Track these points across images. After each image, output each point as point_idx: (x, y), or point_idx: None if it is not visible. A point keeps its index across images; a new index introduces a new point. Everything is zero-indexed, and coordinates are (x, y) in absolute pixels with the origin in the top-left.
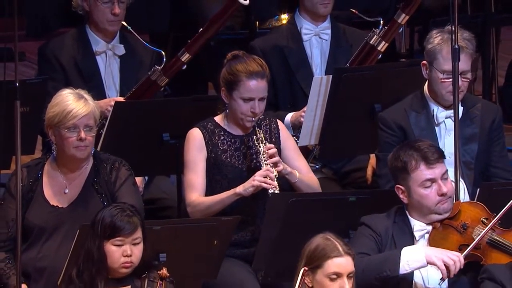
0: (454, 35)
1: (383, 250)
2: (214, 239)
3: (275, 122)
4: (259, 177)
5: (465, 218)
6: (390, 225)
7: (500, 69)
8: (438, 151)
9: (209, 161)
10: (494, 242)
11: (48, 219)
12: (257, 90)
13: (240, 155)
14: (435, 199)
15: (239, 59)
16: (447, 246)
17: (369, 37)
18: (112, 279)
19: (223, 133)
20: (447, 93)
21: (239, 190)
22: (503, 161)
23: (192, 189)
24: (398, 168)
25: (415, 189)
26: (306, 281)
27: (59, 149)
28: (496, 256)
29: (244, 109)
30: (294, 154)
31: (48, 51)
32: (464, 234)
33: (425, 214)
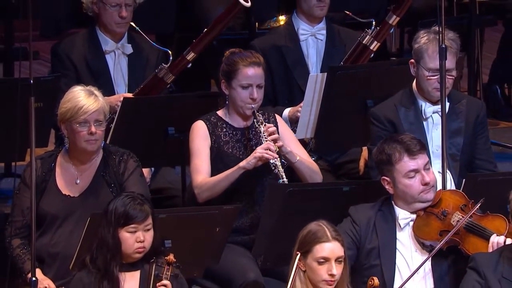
0: (441, 35)
1: (363, 240)
2: (216, 227)
3: (273, 116)
4: (260, 150)
5: (445, 206)
6: (373, 215)
7: (484, 67)
8: (420, 143)
9: (212, 151)
10: (471, 227)
11: (61, 207)
12: (254, 76)
13: (241, 146)
14: (419, 188)
15: (236, 54)
16: (429, 232)
17: (362, 37)
18: (125, 264)
19: (225, 126)
20: (433, 89)
21: (242, 164)
22: (487, 153)
23: (198, 173)
24: (383, 161)
25: (400, 180)
26: (300, 265)
27: (71, 142)
28: (473, 240)
29: (243, 96)
30: (293, 144)
31: (60, 50)
32: (444, 220)
33: (409, 203)
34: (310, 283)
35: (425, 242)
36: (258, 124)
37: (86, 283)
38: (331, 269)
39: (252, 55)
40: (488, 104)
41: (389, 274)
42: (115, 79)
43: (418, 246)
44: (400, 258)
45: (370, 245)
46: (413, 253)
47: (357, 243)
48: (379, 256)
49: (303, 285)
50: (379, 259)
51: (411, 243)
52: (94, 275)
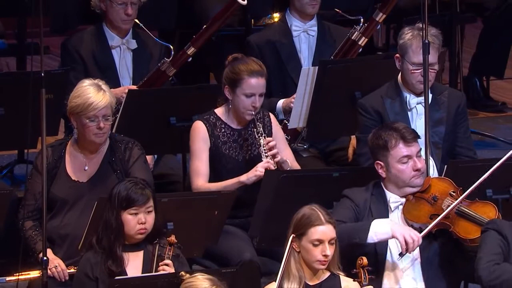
0: (424, 32)
1: (361, 220)
2: (215, 210)
3: (268, 115)
4: (261, 169)
5: (435, 191)
6: (368, 197)
7: (464, 61)
8: (414, 132)
9: (211, 152)
10: (462, 212)
11: (70, 192)
12: (258, 86)
13: (237, 146)
14: (410, 173)
15: (240, 60)
16: (419, 215)
17: (351, 33)
18: (128, 245)
19: (224, 126)
20: (416, 82)
21: (242, 179)
22: (467, 141)
23: (198, 176)
24: (379, 146)
25: (393, 164)
26: (294, 246)
27: (80, 134)
28: (463, 224)
29: (246, 104)
30: (282, 145)
31: (69, 45)
32: (435, 205)
33: (400, 187)
34: (304, 263)
35: (414, 224)
36: (258, 136)
37: (93, 262)
38: (325, 250)
39: (255, 64)
40: (468, 96)
41: (381, 252)
42: (121, 72)
43: None
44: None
45: None
46: None
47: (357, 218)
48: None
49: (297, 265)
50: None
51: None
52: (100, 255)
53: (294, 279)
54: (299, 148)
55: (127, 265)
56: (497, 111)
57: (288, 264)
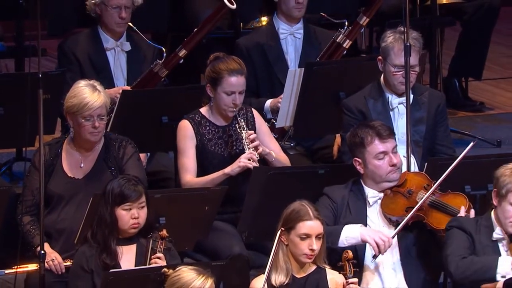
0: (405, 35)
1: (339, 216)
2: (206, 205)
3: (251, 111)
4: (244, 159)
5: (410, 185)
6: (346, 194)
7: (444, 63)
8: (389, 129)
9: (197, 149)
10: (435, 203)
11: (66, 188)
12: (237, 84)
13: (222, 143)
14: (387, 169)
15: (220, 59)
16: (395, 209)
17: (335, 36)
18: (122, 239)
19: (208, 124)
20: (398, 83)
21: (227, 171)
22: (447, 139)
23: (186, 172)
24: (356, 143)
25: (370, 161)
26: (282, 240)
27: (76, 132)
28: (436, 215)
29: (227, 101)
30: (267, 138)
31: (66, 48)
32: (410, 198)
33: (377, 182)
34: (291, 256)
35: (392, 217)
36: (240, 130)
37: (89, 256)
38: (312, 245)
39: (235, 62)
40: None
41: (360, 246)
42: (115, 74)
43: (385, 222)
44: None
45: (344, 220)
46: (381, 228)
47: (335, 217)
48: None
49: (285, 257)
50: None
51: (379, 219)
52: (95, 249)
53: (281, 271)
54: (286, 146)
55: (121, 258)
56: (475, 110)
57: (277, 257)
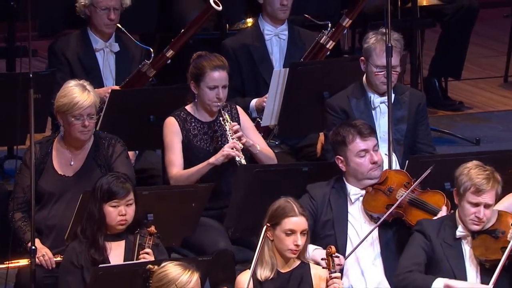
0: (387, 36)
1: (319, 214)
2: (192, 202)
3: (235, 108)
4: (227, 148)
5: (391, 183)
6: (328, 191)
7: (424, 63)
8: (370, 127)
9: (183, 144)
10: (413, 201)
11: (57, 185)
12: (220, 79)
13: (208, 138)
14: (368, 166)
15: (203, 57)
16: (376, 206)
17: (319, 37)
18: (110, 235)
19: (194, 120)
20: (380, 83)
21: (211, 160)
22: (427, 138)
23: (173, 166)
24: (338, 142)
25: (352, 158)
26: (268, 235)
27: (66, 131)
28: (414, 212)
29: (210, 96)
30: (252, 132)
31: (56, 48)
32: (390, 196)
33: (359, 179)
34: (276, 251)
35: (373, 214)
36: (224, 122)
37: (78, 251)
38: (297, 240)
39: (217, 59)
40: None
41: (341, 242)
42: (104, 74)
43: (367, 218)
44: (351, 229)
45: (325, 218)
46: (363, 225)
47: (314, 216)
48: (333, 227)
49: (271, 252)
50: (333, 229)
51: (361, 216)
52: (84, 244)
53: (267, 266)
54: (271, 144)
55: (109, 253)
56: (454, 109)
57: (262, 252)
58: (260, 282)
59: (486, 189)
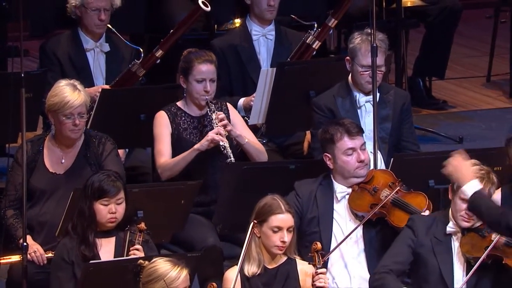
0: (372, 36)
1: (305, 211)
2: (182, 199)
3: (225, 104)
4: (212, 133)
5: (376, 183)
6: (315, 188)
7: (408, 63)
8: (358, 127)
9: (173, 137)
10: (397, 202)
11: (48, 183)
12: (207, 72)
13: (197, 132)
14: (355, 164)
15: (192, 53)
16: (361, 205)
17: (305, 37)
18: (100, 231)
19: (184, 115)
20: (365, 82)
21: (196, 146)
22: (411, 136)
23: (161, 155)
24: (326, 140)
25: (339, 156)
26: (255, 232)
27: (57, 130)
28: (397, 213)
29: (198, 89)
30: (241, 127)
31: (47, 48)
32: (375, 195)
33: (346, 177)
34: (263, 247)
35: (357, 213)
36: (211, 113)
37: (70, 247)
38: (283, 237)
39: (205, 54)
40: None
41: (326, 239)
42: (95, 73)
43: (352, 217)
44: (336, 226)
45: (311, 215)
46: (348, 222)
47: (299, 213)
48: (319, 224)
49: (258, 249)
50: (318, 226)
51: (346, 214)
52: (75, 241)
53: (254, 262)
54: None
55: (100, 250)
56: (438, 108)
57: (249, 248)
58: (247, 278)
59: None
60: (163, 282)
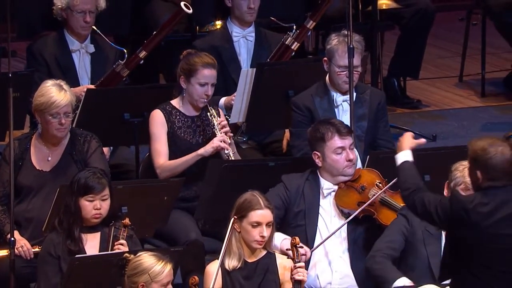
0: (349, 38)
1: (291, 205)
2: (165, 196)
3: (218, 110)
4: (217, 141)
5: (363, 182)
6: (302, 183)
7: (384, 63)
8: (348, 127)
9: (168, 136)
10: (385, 201)
11: (35, 180)
12: (210, 76)
13: (191, 131)
14: (343, 163)
15: (194, 54)
16: (348, 202)
17: (284, 39)
18: (86, 227)
19: (179, 114)
20: (342, 82)
21: (200, 152)
22: (387, 134)
23: (159, 156)
24: (316, 138)
25: (329, 155)
26: (235, 227)
27: (43, 128)
28: (385, 212)
29: (200, 92)
30: None
31: (34, 49)
32: (362, 193)
33: (334, 175)
34: (243, 242)
35: (344, 210)
36: (211, 118)
37: (56, 242)
38: (262, 232)
39: (208, 57)
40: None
41: (311, 233)
42: (80, 74)
43: (337, 213)
44: (321, 221)
45: (297, 208)
46: (332, 218)
47: (285, 205)
48: (304, 218)
49: (238, 243)
50: (304, 220)
51: (332, 210)
52: (61, 236)
53: (234, 256)
54: (239, 140)
55: (85, 244)
56: (413, 107)
57: (230, 243)
58: (228, 272)
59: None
60: (147, 275)
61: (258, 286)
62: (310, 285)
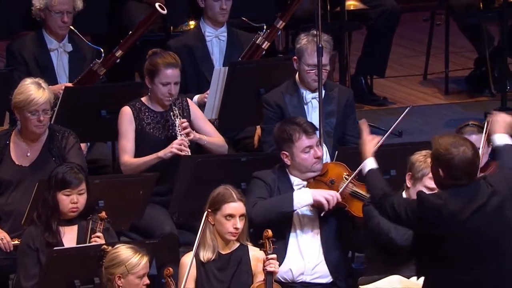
0: (318, 37)
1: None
2: (140, 190)
3: (186, 100)
4: (176, 146)
5: (332, 175)
6: (276, 178)
7: (352, 62)
8: (313, 126)
9: (136, 132)
10: (355, 194)
11: (14, 175)
12: (172, 76)
13: (160, 127)
14: (312, 161)
15: (157, 54)
16: None
17: (255, 38)
18: (63, 220)
19: (148, 110)
20: (311, 80)
21: (160, 154)
22: (354, 130)
23: (125, 152)
24: (284, 139)
25: (298, 154)
26: (209, 220)
27: (23, 125)
28: (355, 203)
29: (163, 91)
30: (203, 122)
31: (13, 49)
32: (332, 187)
33: (303, 172)
34: (217, 234)
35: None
36: (174, 118)
37: (35, 235)
38: (236, 224)
39: (170, 57)
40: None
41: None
42: (58, 72)
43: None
44: (295, 215)
45: None
46: (305, 212)
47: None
48: None
49: (212, 236)
50: None
51: None
52: (40, 228)
53: (209, 248)
54: None
55: (63, 237)
56: (379, 104)
57: (204, 236)
58: (202, 263)
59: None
60: (124, 267)
61: (232, 277)
62: (284, 276)
